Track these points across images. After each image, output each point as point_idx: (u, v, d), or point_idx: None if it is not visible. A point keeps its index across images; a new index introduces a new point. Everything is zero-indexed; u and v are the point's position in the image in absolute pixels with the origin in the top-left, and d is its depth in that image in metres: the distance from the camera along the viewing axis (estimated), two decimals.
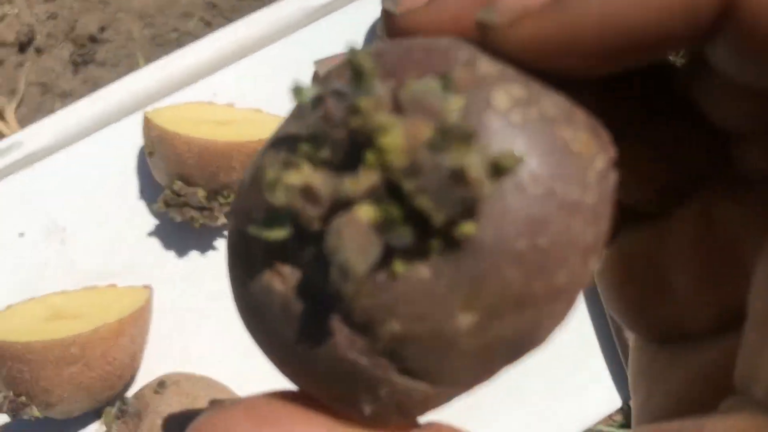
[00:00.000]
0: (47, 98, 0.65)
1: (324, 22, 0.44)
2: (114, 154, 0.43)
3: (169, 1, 0.66)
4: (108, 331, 0.36)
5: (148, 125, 0.39)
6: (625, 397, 0.41)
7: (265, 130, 0.39)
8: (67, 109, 0.43)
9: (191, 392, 0.37)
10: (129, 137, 0.43)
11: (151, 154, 0.39)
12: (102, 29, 0.66)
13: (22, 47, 0.67)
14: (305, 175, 0.09)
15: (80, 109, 0.43)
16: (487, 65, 0.10)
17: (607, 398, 0.40)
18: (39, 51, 0.67)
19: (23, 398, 0.36)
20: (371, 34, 0.44)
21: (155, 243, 0.42)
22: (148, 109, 0.42)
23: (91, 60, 0.66)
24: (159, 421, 0.36)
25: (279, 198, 0.09)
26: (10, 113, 0.64)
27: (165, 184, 0.39)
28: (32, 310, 0.38)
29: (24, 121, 0.65)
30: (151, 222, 0.42)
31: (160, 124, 0.38)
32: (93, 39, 0.66)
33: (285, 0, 0.44)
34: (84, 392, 0.36)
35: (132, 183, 0.42)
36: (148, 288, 0.40)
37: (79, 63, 0.66)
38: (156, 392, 0.37)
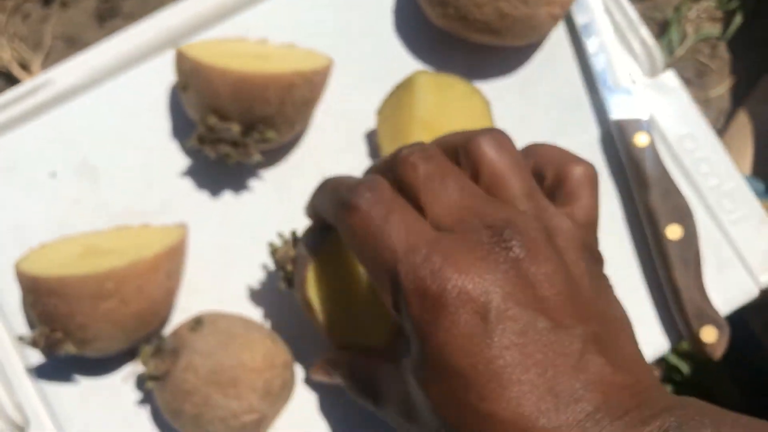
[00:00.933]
0: (73, 51, 0.64)
1: None
2: (146, 92, 0.42)
3: None
4: (143, 266, 0.35)
5: (181, 58, 0.38)
6: (673, 341, 0.40)
7: (299, 64, 0.38)
8: (98, 46, 0.42)
9: (228, 330, 0.36)
10: (160, 75, 0.42)
11: (184, 88, 0.38)
12: None
13: (47, 0, 0.66)
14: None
15: (111, 47, 0.42)
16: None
17: (652, 342, 0.39)
18: (64, 4, 0.65)
19: (60, 334, 0.35)
20: None
21: (189, 182, 0.41)
22: (180, 45, 0.41)
23: (117, 12, 0.65)
24: (196, 359, 0.35)
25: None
26: (36, 66, 0.63)
27: (198, 119, 0.38)
28: (65, 247, 0.38)
29: None
30: (185, 161, 0.41)
31: (194, 56, 0.37)
32: None
33: None
34: (119, 329, 0.35)
35: (164, 121, 0.41)
36: (183, 226, 0.39)
37: (104, 16, 0.65)
38: (193, 330, 0.36)
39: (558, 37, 0.42)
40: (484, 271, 0.24)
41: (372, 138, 0.41)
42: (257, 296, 0.39)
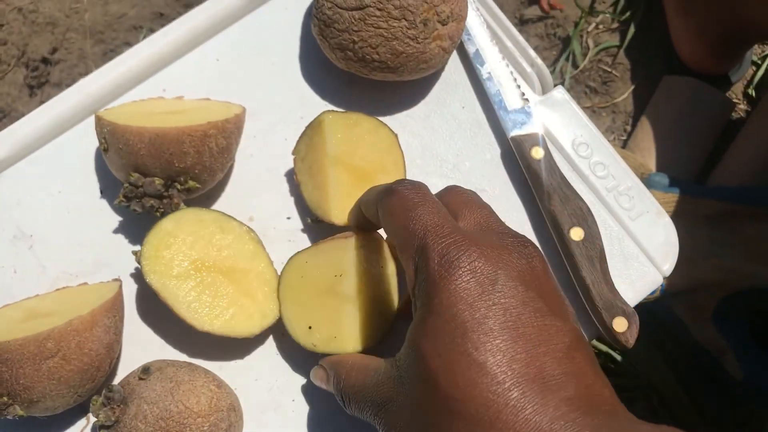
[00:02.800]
0: (6, 123, 0.66)
1: (262, 11, 0.46)
2: (72, 159, 0.44)
3: (117, 16, 0.67)
4: (81, 322, 0.37)
5: (99, 123, 0.40)
6: (590, 336, 0.43)
7: (213, 115, 0.40)
8: (24, 119, 0.44)
9: (174, 377, 0.38)
10: (85, 140, 0.44)
11: (105, 150, 0.40)
12: (53, 50, 0.67)
13: None
14: None
15: (36, 118, 0.44)
16: None
17: None
18: None
19: (5, 398, 0.37)
20: (307, 17, 0.46)
21: (121, 238, 0.43)
22: (101, 110, 0.43)
23: (46, 81, 0.67)
24: (144, 406, 0.36)
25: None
26: None
27: (122, 178, 0.40)
28: (7, 314, 0.39)
29: None
30: (116, 218, 0.43)
31: (111, 119, 0.39)
32: (45, 61, 0.67)
33: None
34: (64, 386, 0.37)
35: (92, 183, 0.43)
36: (117, 281, 0.41)
37: (34, 86, 0.67)
38: (141, 378, 0.38)
39: (454, 66, 0.45)
40: (502, 254, 0.29)
41: (292, 176, 0.44)
42: (200, 341, 0.41)
